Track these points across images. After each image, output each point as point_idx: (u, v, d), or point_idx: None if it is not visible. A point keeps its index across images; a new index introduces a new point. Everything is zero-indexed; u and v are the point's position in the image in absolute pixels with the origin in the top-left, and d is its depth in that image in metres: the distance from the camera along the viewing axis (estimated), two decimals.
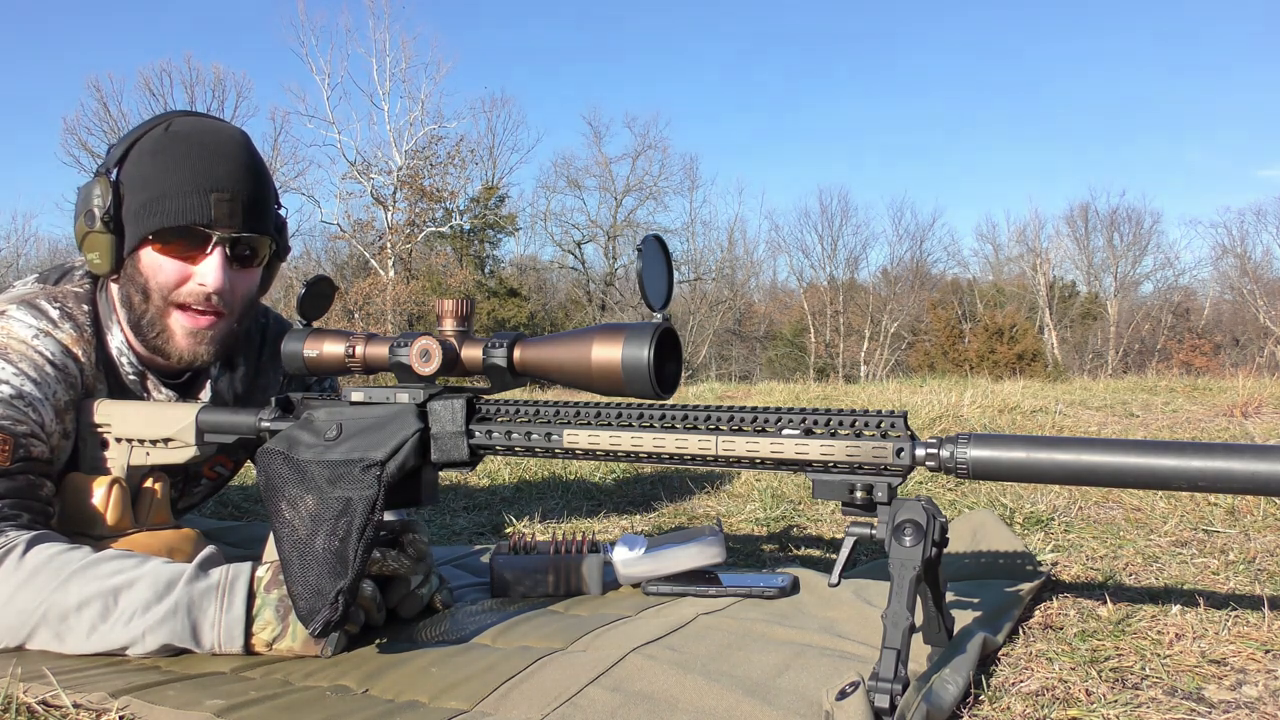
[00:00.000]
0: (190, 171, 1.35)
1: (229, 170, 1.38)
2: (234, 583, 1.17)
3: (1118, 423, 3.60)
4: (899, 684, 0.87)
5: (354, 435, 1.14)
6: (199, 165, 1.36)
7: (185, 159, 1.36)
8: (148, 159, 1.37)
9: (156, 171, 1.36)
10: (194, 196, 1.35)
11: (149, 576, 1.16)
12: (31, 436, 1.31)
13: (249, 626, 1.15)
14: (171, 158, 1.36)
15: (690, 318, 29.15)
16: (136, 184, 1.37)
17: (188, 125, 1.40)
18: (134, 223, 1.37)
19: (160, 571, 1.17)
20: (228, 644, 1.15)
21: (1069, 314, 30.31)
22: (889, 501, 0.99)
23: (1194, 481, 0.89)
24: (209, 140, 1.38)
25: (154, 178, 1.36)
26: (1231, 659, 1.10)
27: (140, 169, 1.37)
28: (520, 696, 1.01)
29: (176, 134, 1.38)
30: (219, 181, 1.36)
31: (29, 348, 1.34)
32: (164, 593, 1.15)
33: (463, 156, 26.02)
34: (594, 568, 1.43)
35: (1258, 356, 20.50)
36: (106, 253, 1.38)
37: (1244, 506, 1.86)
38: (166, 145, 1.37)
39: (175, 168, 1.35)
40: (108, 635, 1.14)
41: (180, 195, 1.35)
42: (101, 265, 1.39)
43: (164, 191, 1.35)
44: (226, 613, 1.15)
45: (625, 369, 1.04)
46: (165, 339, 1.41)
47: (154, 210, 1.35)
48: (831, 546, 1.79)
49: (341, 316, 21.22)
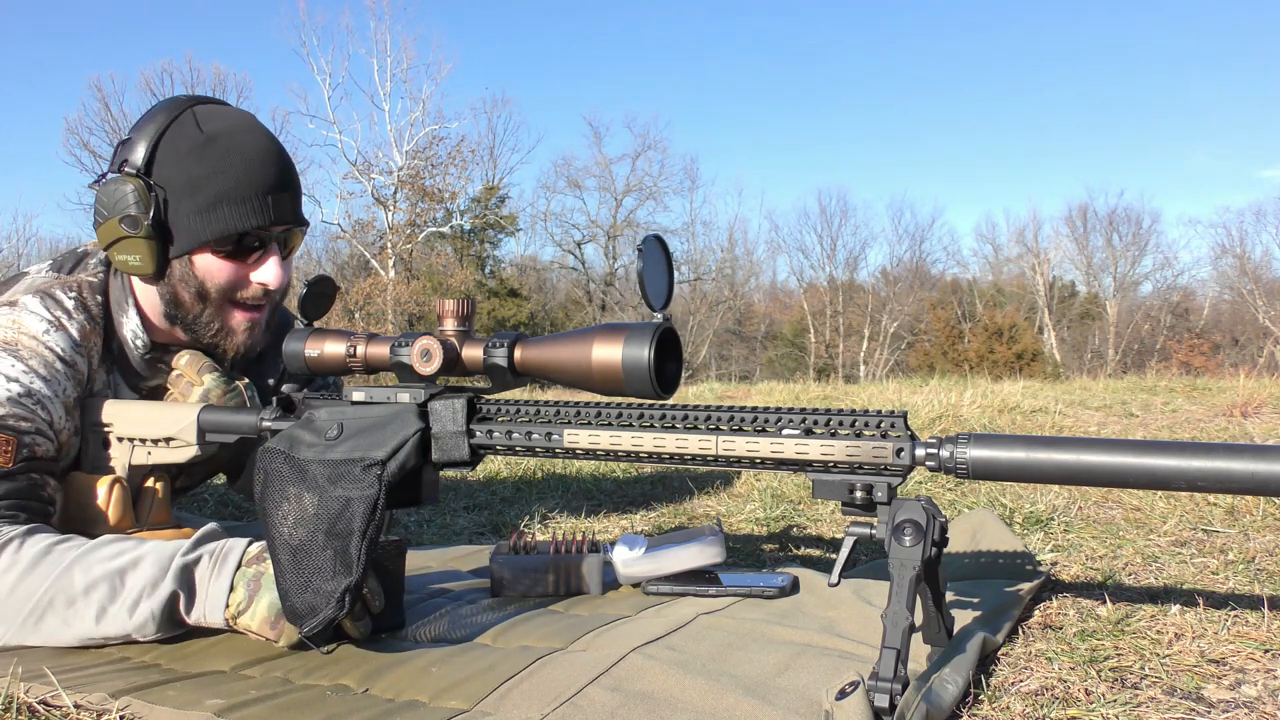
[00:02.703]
0: (244, 175, 1.36)
1: (275, 168, 1.39)
2: (227, 554, 1.18)
3: (1117, 423, 3.60)
4: (899, 684, 0.87)
5: (355, 434, 1.14)
6: (251, 168, 1.37)
7: (233, 162, 1.36)
8: (190, 162, 1.36)
9: (205, 176, 1.35)
10: (254, 201, 1.36)
11: (152, 554, 1.18)
12: (37, 434, 1.31)
13: (229, 597, 1.16)
14: (218, 160, 1.36)
15: (690, 318, 29.14)
16: (183, 188, 1.35)
17: (219, 122, 1.39)
18: (188, 229, 1.36)
19: (162, 549, 1.19)
20: (211, 613, 1.16)
21: (1068, 314, 30.32)
22: (889, 501, 0.99)
23: (1194, 482, 0.89)
24: (250, 140, 1.39)
25: (203, 183, 1.35)
26: (1231, 658, 1.10)
27: (183, 172, 1.36)
28: (520, 696, 1.01)
29: (215, 134, 1.37)
30: (270, 182, 1.38)
31: (39, 343, 1.34)
32: (166, 565, 1.17)
33: (463, 157, 26.02)
34: (594, 568, 1.44)
35: (1257, 356, 20.49)
36: (149, 257, 1.37)
37: (1243, 506, 1.86)
38: (207, 147, 1.36)
39: (225, 171, 1.36)
40: (117, 617, 1.15)
41: (239, 201, 1.36)
42: (142, 268, 1.38)
43: (220, 197, 1.35)
44: (215, 580, 1.16)
45: (625, 369, 1.04)
46: (225, 335, 1.44)
47: (212, 217, 1.35)
48: (831, 546, 1.80)
49: (342, 316, 21.22)
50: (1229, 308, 30.17)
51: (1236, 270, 29.57)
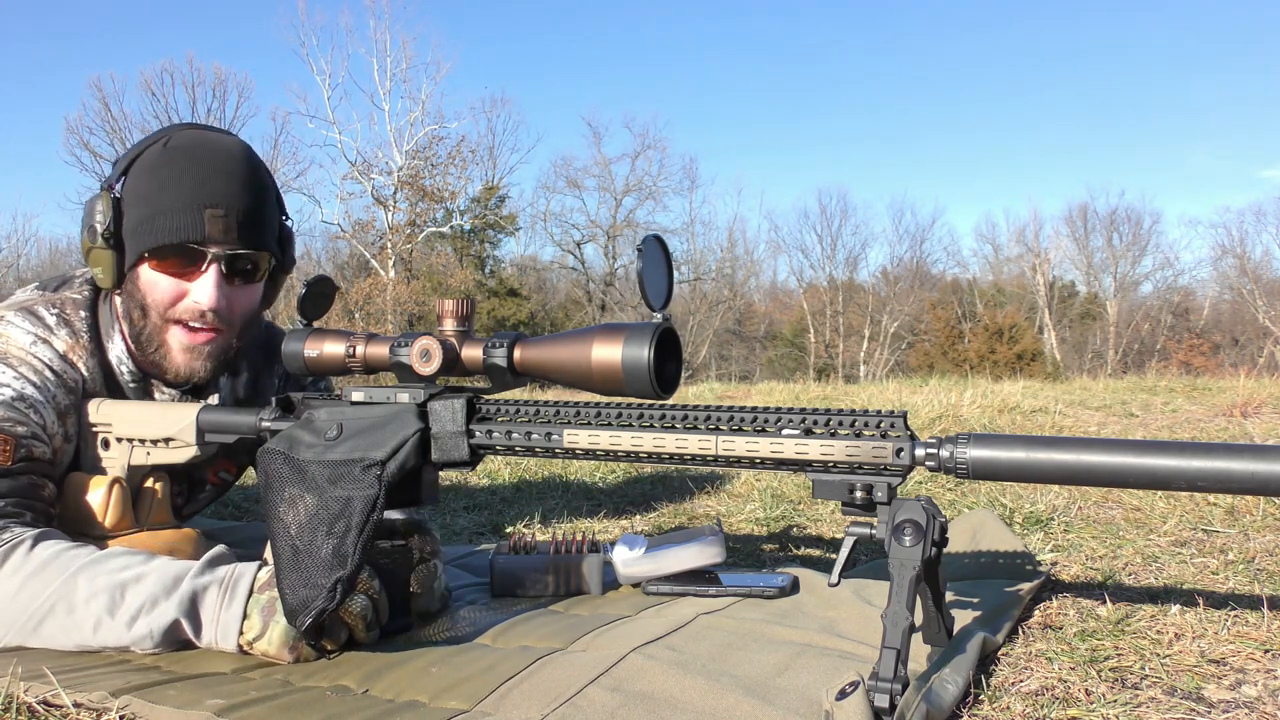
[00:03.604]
0: (185, 188, 1.35)
1: (224, 185, 1.36)
2: (238, 581, 1.17)
3: (1117, 423, 3.60)
4: (899, 684, 0.87)
5: (354, 435, 1.14)
6: (194, 181, 1.35)
7: (181, 175, 1.35)
8: (146, 175, 1.37)
9: (153, 188, 1.36)
10: (187, 213, 1.34)
11: (157, 572, 1.17)
12: (33, 438, 1.31)
13: (244, 624, 1.16)
14: (168, 174, 1.36)
15: (690, 318, 29.14)
16: (135, 200, 1.37)
17: (186, 139, 1.39)
18: (132, 239, 1.37)
19: (168, 567, 1.18)
20: (223, 640, 1.16)
21: (1068, 314, 30.32)
22: (889, 501, 0.99)
23: (1194, 482, 0.89)
24: (205, 155, 1.37)
25: (151, 194, 1.36)
26: (1231, 658, 1.10)
27: (139, 185, 1.37)
28: (520, 696, 1.01)
29: (174, 149, 1.37)
30: (214, 197, 1.35)
31: (27, 353, 1.35)
32: (171, 588, 1.16)
33: (463, 157, 26.03)
34: (594, 568, 1.44)
35: (1257, 356, 20.49)
36: (109, 268, 1.38)
37: (1243, 506, 1.86)
38: (164, 161, 1.37)
39: (170, 184, 1.35)
40: (113, 629, 1.15)
41: (174, 212, 1.34)
42: (105, 280, 1.40)
43: (159, 209, 1.35)
44: (226, 609, 1.16)
45: (625, 369, 1.04)
46: (163, 355, 1.41)
47: (149, 228, 1.35)
48: (831, 546, 1.80)
49: (342, 316, 21.21)
50: (1229, 308, 30.17)
51: (1236, 270, 29.58)
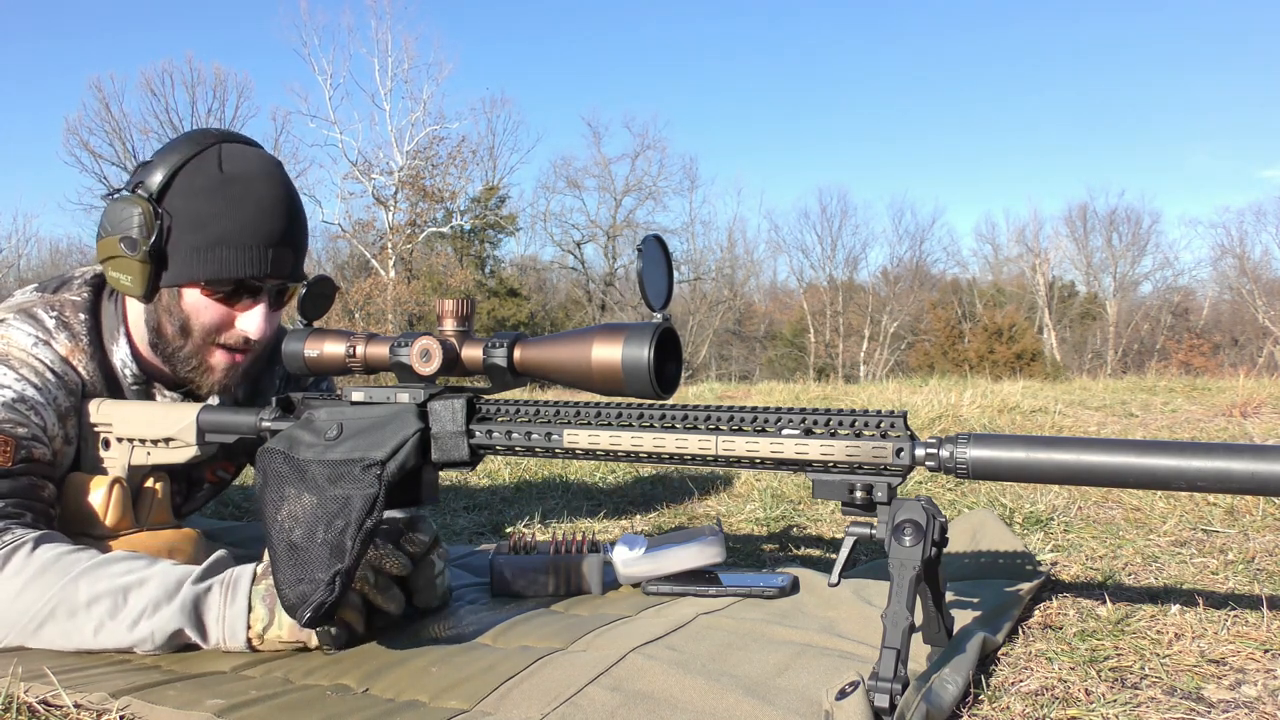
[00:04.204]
0: (250, 223, 1.35)
1: (282, 222, 1.38)
2: (238, 580, 1.18)
3: (1117, 423, 3.60)
4: (899, 684, 0.87)
5: (354, 435, 1.14)
6: (260, 218, 1.36)
7: (244, 208, 1.35)
8: (202, 199, 1.35)
9: (212, 214, 1.35)
10: (254, 250, 1.35)
11: (158, 576, 1.17)
12: (33, 439, 1.31)
13: (250, 617, 1.16)
14: (229, 203, 1.35)
15: (690, 318, 29.14)
16: (188, 223, 1.35)
17: (241, 165, 1.38)
18: (184, 263, 1.36)
19: (169, 572, 1.18)
20: (231, 639, 1.16)
21: (1068, 314, 30.32)
22: (889, 501, 0.99)
23: (1194, 482, 0.89)
24: (265, 189, 1.38)
25: (209, 221, 1.34)
26: (1230, 658, 1.10)
27: (193, 207, 1.35)
28: (520, 696, 1.01)
29: (233, 177, 1.36)
30: (274, 235, 1.37)
31: (29, 354, 1.35)
32: (173, 591, 1.16)
33: (463, 157, 26.03)
34: (594, 568, 1.44)
35: (1257, 356, 20.50)
36: (140, 279, 1.36)
37: (1243, 506, 1.86)
38: (222, 187, 1.35)
39: (233, 215, 1.35)
40: (115, 633, 1.15)
41: (240, 247, 1.35)
42: (131, 289, 1.38)
43: (221, 239, 1.34)
44: (230, 607, 1.16)
45: (625, 369, 1.04)
46: (203, 373, 1.42)
47: (209, 257, 1.35)
48: (831, 546, 1.80)
49: (342, 316, 21.21)
50: (1229, 308, 30.18)
51: (1236, 270, 29.58)
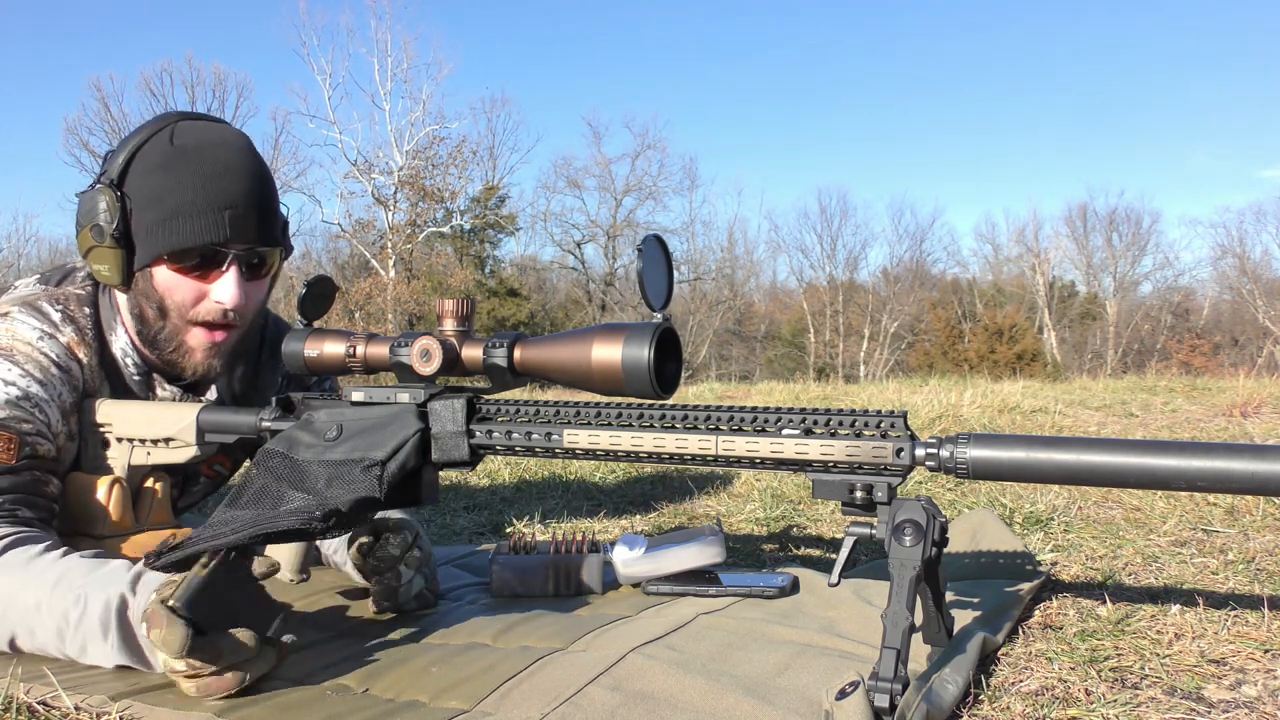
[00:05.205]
0: (202, 189, 1.34)
1: (240, 185, 1.36)
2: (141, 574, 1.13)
3: (1117, 423, 3.60)
4: (899, 684, 0.87)
5: (354, 435, 1.14)
6: (210, 182, 1.34)
7: (195, 175, 1.34)
8: (157, 173, 1.35)
9: (166, 188, 1.34)
10: (207, 215, 1.34)
11: (92, 615, 1.11)
12: (37, 435, 1.31)
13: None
14: (181, 174, 1.34)
15: (690, 318, 29.14)
16: (146, 200, 1.35)
17: (193, 135, 1.38)
18: (147, 241, 1.35)
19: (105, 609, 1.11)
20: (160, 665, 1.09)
21: (1068, 314, 30.32)
22: (889, 501, 0.99)
23: (1194, 481, 0.89)
24: (217, 154, 1.36)
25: (164, 195, 1.34)
26: (1231, 659, 1.10)
27: (148, 183, 1.35)
28: (520, 696, 1.01)
29: (183, 147, 1.36)
30: (231, 198, 1.35)
31: (34, 349, 1.34)
32: (106, 627, 1.10)
33: (464, 157, 26.02)
34: (594, 568, 1.44)
35: (1257, 356, 20.49)
36: (116, 267, 1.36)
37: (1243, 506, 1.86)
38: (173, 159, 1.35)
39: (185, 185, 1.34)
40: (71, 653, 1.13)
41: (194, 214, 1.34)
42: (111, 278, 1.38)
43: (176, 210, 1.34)
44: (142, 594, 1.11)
45: (625, 369, 1.04)
46: (183, 354, 1.41)
47: (168, 230, 1.34)
48: (831, 546, 1.80)
49: (342, 316, 21.22)
50: (1229, 308, 30.17)
51: (1236, 270, 29.57)
